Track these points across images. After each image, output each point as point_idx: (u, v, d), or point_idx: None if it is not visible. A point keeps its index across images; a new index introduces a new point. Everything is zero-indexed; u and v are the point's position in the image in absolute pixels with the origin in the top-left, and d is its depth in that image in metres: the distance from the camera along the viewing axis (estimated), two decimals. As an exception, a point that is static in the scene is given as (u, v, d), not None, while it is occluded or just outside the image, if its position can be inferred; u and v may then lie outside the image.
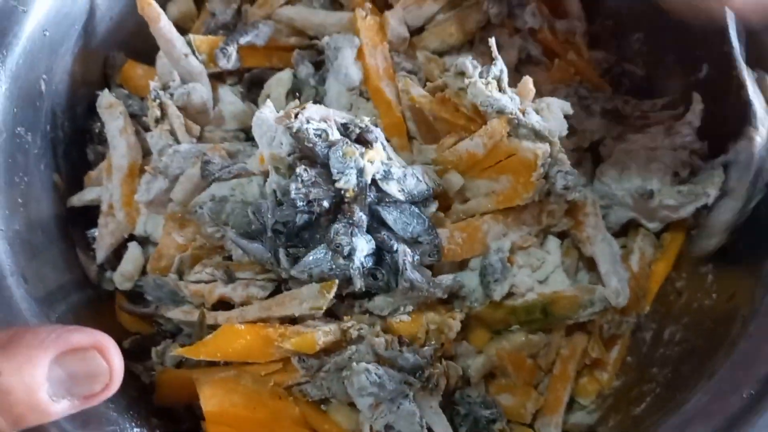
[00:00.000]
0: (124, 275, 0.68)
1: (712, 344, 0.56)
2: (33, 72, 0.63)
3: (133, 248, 0.69)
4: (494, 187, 0.63)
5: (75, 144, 0.71)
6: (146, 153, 0.70)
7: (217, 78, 0.73)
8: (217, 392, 0.58)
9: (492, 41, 0.64)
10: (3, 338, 0.42)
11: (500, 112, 0.60)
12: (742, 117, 0.63)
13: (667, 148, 0.68)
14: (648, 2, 0.71)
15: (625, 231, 0.71)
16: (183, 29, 0.76)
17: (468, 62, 0.63)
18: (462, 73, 0.63)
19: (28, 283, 0.56)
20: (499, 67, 0.63)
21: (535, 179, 0.59)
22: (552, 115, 0.63)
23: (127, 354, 0.47)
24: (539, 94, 0.64)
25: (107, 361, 0.44)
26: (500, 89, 0.63)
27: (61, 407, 0.43)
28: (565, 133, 0.62)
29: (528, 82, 0.64)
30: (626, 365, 0.65)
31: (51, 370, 0.42)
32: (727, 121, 0.65)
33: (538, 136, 0.61)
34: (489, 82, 0.62)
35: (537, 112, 0.62)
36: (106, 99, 0.70)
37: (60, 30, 0.65)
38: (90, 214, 0.70)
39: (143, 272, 0.68)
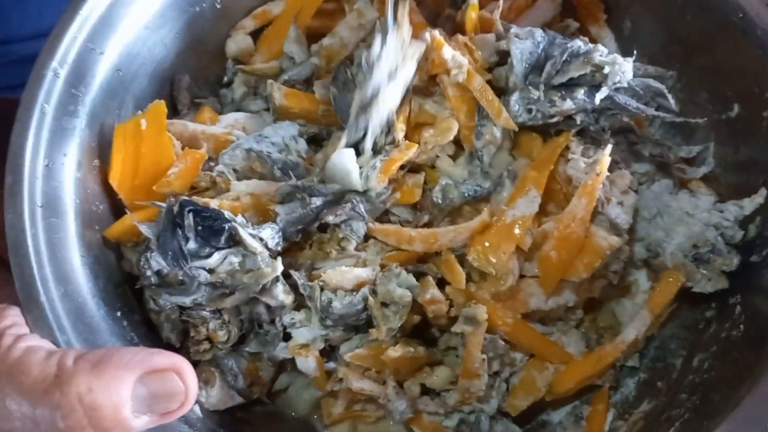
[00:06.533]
0: None
1: (738, 375, 0.58)
2: (108, 108, 0.67)
3: None
4: None
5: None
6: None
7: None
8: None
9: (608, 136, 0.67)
10: (94, 358, 0.47)
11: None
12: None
13: (703, 221, 0.68)
14: (681, 41, 0.75)
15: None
16: (241, 62, 0.82)
17: (576, 139, 0.66)
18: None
19: (107, 304, 0.60)
20: (606, 152, 0.65)
21: (598, 265, 0.63)
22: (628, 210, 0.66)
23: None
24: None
25: (183, 382, 0.48)
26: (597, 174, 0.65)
27: (141, 422, 0.47)
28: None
29: (626, 176, 0.67)
30: (656, 389, 0.68)
31: (135, 388, 0.47)
32: (755, 163, 0.68)
33: (612, 226, 0.64)
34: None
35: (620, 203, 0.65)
36: None
37: (132, 68, 0.70)
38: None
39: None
